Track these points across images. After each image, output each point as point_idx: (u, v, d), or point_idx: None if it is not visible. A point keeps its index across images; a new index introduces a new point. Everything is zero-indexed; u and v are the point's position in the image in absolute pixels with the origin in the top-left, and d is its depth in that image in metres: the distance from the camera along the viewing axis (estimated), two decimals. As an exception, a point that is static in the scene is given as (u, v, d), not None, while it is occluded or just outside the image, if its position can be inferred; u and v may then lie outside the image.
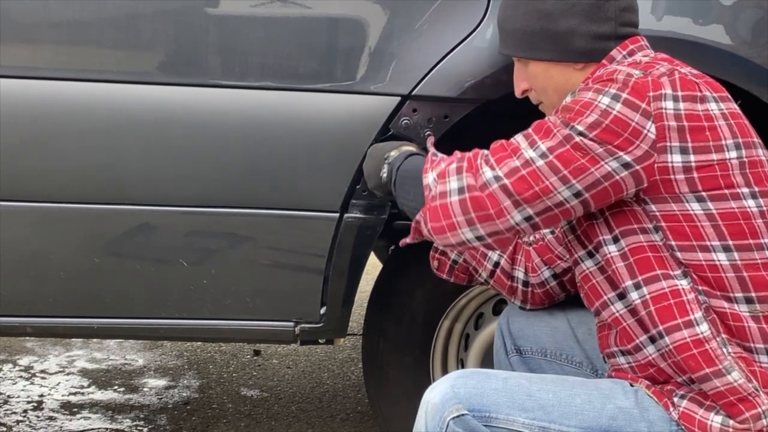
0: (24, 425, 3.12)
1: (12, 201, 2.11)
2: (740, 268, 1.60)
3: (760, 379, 1.59)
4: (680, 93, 1.61)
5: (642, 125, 1.58)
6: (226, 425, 3.10)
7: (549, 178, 1.60)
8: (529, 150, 1.62)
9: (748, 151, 1.63)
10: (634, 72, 1.64)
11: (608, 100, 1.60)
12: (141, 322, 2.20)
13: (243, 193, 2.10)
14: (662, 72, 1.64)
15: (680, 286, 1.61)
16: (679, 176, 1.59)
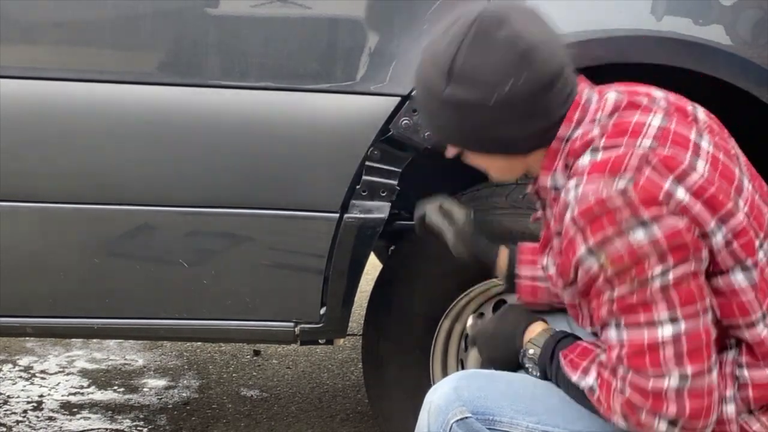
0: (24, 425, 3.12)
1: (12, 201, 2.11)
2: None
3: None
4: (675, 178, 1.48)
5: (685, 226, 1.46)
6: (226, 425, 3.10)
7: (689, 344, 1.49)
8: (674, 375, 1.48)
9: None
10: (621, 185, 1.46)
11: (642, 233, 1.45)
12: (141, 323, 2.21)
13: (243, 193, 2.10)
14: (639, 161, 1.48)
15: (722, 358, 1.55)
16: (723, 252, 1.51)
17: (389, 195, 2.10)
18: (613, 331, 1.51)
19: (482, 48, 1.51)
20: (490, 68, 1.51)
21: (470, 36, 1.51)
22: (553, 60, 1.53)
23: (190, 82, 2.08)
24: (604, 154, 1.51)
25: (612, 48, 2.07)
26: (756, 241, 1.53)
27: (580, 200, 1.48)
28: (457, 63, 1.51)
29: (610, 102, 1.58)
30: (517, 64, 1.50)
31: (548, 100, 1.54)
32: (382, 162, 2.08)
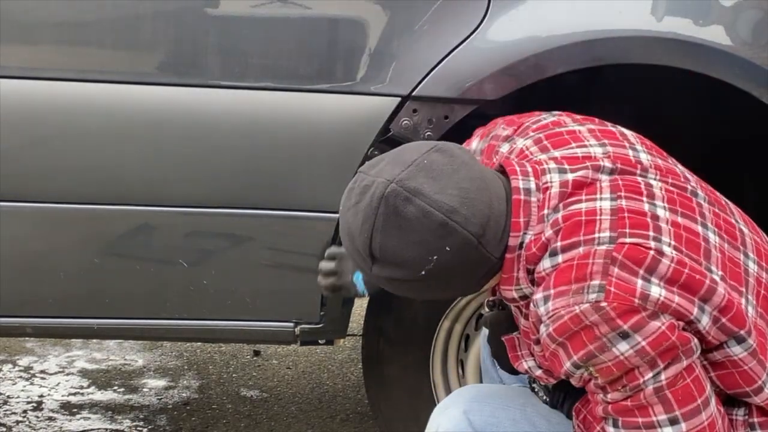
0: (24, 425, 3.12)
1: (12, 201, 2.11)
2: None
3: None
4: (645, 272, 1.40)
5: (668, 325, 1.39)
6: (226, 426, 3.10)
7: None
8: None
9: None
10: (593, 297, 1.39)
11: (625, 345, 1.39)
12: (141, 323, 2.21)
13: (243, 193, 2.10)
14: (603, 264, 1.40)
15: (731, 416, 1.50)
16: (713, 331, 1.44)
17: (389, 195, 2.09)
18: (612, 428, 1.46)
19: (395, 229, 1.42)
20: (410, 248, 1.42)
21: (380, 219, 1.42)
22: (475, 214, 1.43)
23: (190, 83, 2.07)
24: (563, 257, 1.43)
25: (613, 49, 2.07)
26: (743, 305, 1.45)
27: (553, 318, 1.41)
28: (374, 247, 1.43)
29: (554, 192, 1.48)
30: (437, 238, 1.41)
31: (481, 254, 1.44)
32: (382, 162, 2.08)
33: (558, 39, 2.06)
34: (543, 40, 2.06)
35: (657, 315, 1.38)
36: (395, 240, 1.42)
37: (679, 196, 1.51)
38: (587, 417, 1.55)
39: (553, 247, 1.44)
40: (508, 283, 1.50)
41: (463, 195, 1.42)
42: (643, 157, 1.57)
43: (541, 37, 2.07)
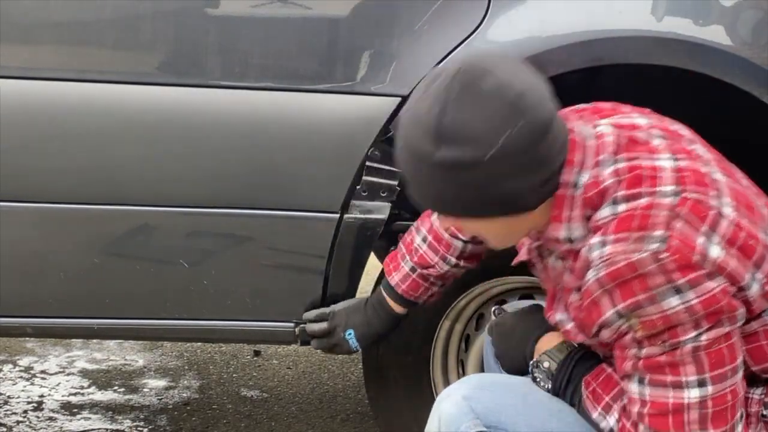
0: (24, 425, 3.12)
1: (12, 201, 2.11)
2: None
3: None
4: (707, 229, 1.42)
5: (721, 288, 1.42)
6: (226, 426, 3.10)
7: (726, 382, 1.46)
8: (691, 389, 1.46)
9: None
10: (653, 247, 1.41)
11: (677, 300, 1.41)
12: (141, 323, 2.21)
13: (243, 193, 2.11)
14: (668, 216, 1.43)
15: (748, 395, 1.52)
16: (759, 299, 1.47)
17: (389, 195, 2.10)
18: (636, 386, 1.47)
19: (469, 102, 1.41)
20: (481, 122, 1.40)
21: (455, 91, 1.41)
22: (544, 105, 1.44)
23: (190, 83, 2.08)
24: (626, 206, 1.45)
25: (612, 49, 2.07)
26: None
27: (607, 263, 1.42)
28: (445, 122, 1.40)
29: (610, 141, 1.51)
30: (509, 114, 1.40)
31: (546, 148, 1.44)
32: (383, 162, 2.09)
33: (558, 39, 2.06)
34: (543, 40, 2.07)
35: (713, 275, 1.41)
36: (467, 114, 1.41)
37: (724, 168, 1.56)
38: (596, 389, 1.57)
39: (614, 195, 1.47)
40: (558, 220, 1.51)
41: (533, 85, 1.45)
42: (685, 132, 1.62)
43: (540, 37, 2.07)
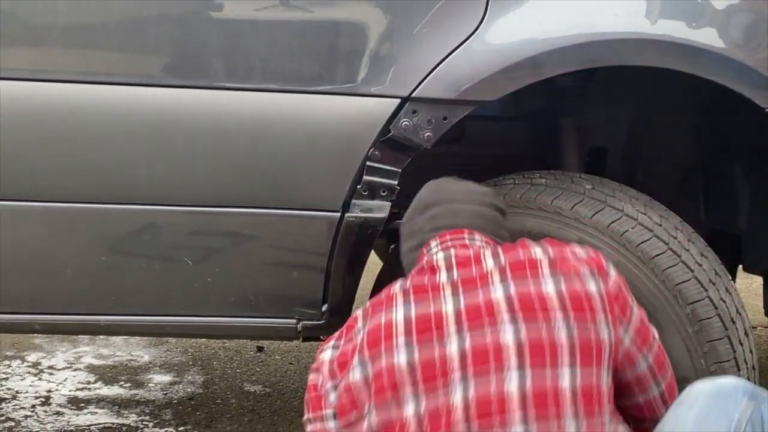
0: (32, 420, 3.15)
1: (21, 201, 2.13)
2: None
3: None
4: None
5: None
6: (230, 420, 3.13)
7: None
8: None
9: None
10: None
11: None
12: (147, 319, 2.23)
13: (246, 193, 2.13)
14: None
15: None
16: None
17: (390, 194, 2.12)
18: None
19: None
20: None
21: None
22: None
23: (194, 84, 2.10)
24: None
25: (608, 51, 2.09)
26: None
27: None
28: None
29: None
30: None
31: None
32: (383, 162, 2.10)
33: (555, 41, 2.07)
34: (540, 42, 2.08)
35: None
36: None
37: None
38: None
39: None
40: None
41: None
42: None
43: (538, 39, 2.08)
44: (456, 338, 1.64)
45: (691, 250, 2.09)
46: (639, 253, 2.05)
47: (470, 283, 1.70)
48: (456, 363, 1.62)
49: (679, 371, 2.04)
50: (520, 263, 1.71)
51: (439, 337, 1.65)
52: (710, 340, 2.04)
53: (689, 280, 2.05)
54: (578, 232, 2.09)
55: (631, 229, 2.07)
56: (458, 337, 1.64)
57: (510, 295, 1.66)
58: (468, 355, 1.62)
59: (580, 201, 2.12)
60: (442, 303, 1.68)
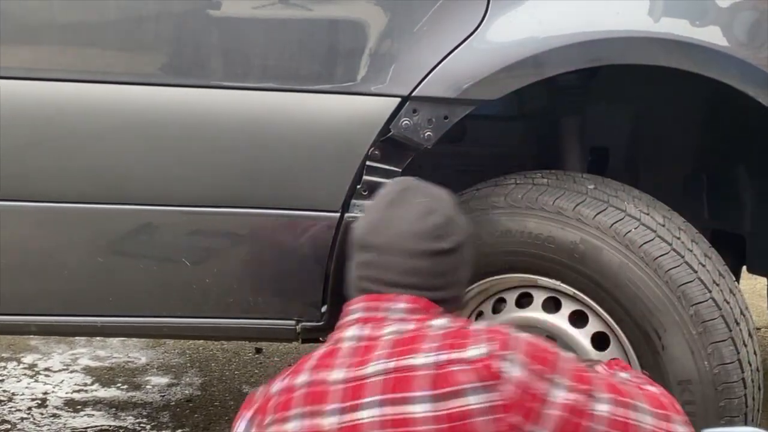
0: (28, 422, 3.14)
1: (17, 201, 2.13)
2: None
3: None
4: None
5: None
6: (228, 422, 3.11)
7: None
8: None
9: None
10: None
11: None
12: (144, 321, 2.22)
13: (244, 193, 2.12)
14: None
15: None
16: None
17: (389, 195, 2.11)
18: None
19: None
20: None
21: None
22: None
23: (192, 83, 2.09)
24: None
25: (610, 49, 2.08)
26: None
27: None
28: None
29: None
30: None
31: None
32: (383, 162, 2.10)
33: (556, 40, 2.07)
34: (541, 41, 2.07)
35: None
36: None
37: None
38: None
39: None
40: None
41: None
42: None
43: (539, 38, 2.08)
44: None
45: (694, 251, 2.08)
46: (642, 254, 2.04)
47: (352, 395, 1.61)
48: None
49: (683, 372, 2.03)
50: (400, 378, 1.59)
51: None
52: (714, 342, 2.02)
53: (693, 281, 2.03)
54: (580, 233, 2.07)
55: (633, 230, 2.05)
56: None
57: (378, 421, 1.58)
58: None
59: (582, 201, 2.10)
60: (324, 417, 1.62)
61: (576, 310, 2.16)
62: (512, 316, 2.21)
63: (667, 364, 2.04)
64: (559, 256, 2.10)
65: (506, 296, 2.25)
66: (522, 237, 2.13)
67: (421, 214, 1.76)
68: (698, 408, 2.03)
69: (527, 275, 2.18)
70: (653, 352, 2.06)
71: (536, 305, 2.20)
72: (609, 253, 2.05)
